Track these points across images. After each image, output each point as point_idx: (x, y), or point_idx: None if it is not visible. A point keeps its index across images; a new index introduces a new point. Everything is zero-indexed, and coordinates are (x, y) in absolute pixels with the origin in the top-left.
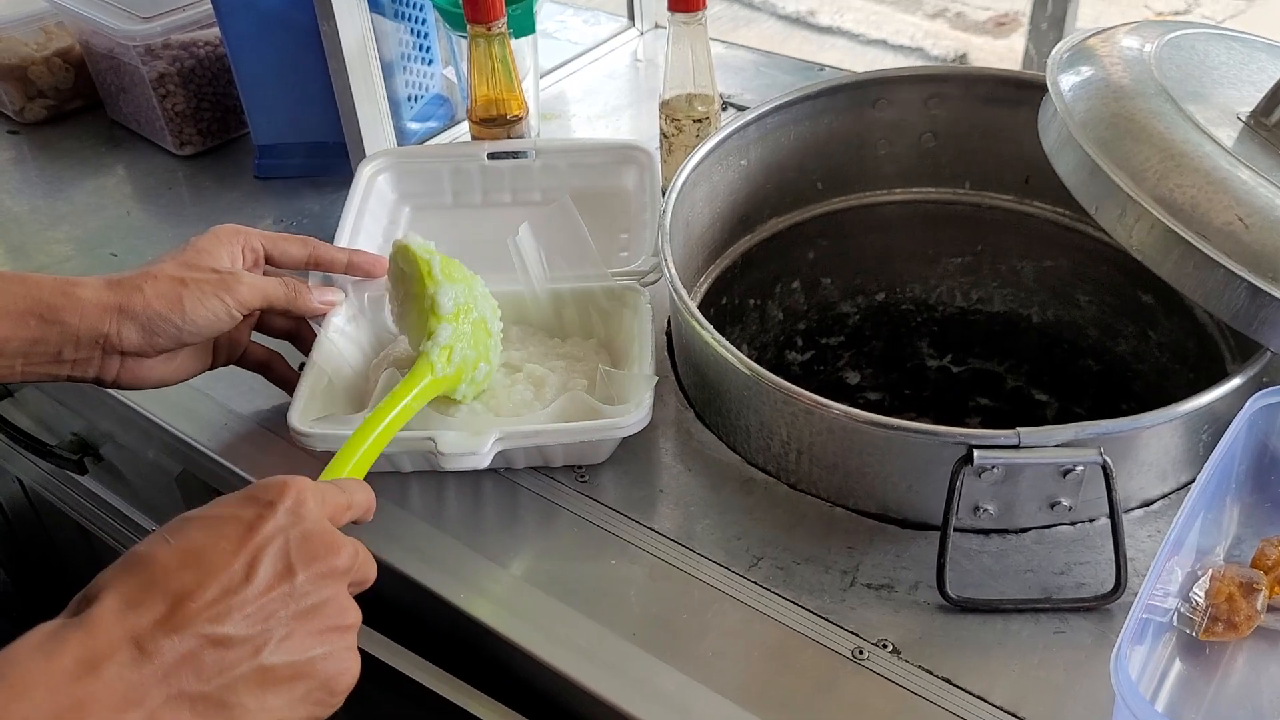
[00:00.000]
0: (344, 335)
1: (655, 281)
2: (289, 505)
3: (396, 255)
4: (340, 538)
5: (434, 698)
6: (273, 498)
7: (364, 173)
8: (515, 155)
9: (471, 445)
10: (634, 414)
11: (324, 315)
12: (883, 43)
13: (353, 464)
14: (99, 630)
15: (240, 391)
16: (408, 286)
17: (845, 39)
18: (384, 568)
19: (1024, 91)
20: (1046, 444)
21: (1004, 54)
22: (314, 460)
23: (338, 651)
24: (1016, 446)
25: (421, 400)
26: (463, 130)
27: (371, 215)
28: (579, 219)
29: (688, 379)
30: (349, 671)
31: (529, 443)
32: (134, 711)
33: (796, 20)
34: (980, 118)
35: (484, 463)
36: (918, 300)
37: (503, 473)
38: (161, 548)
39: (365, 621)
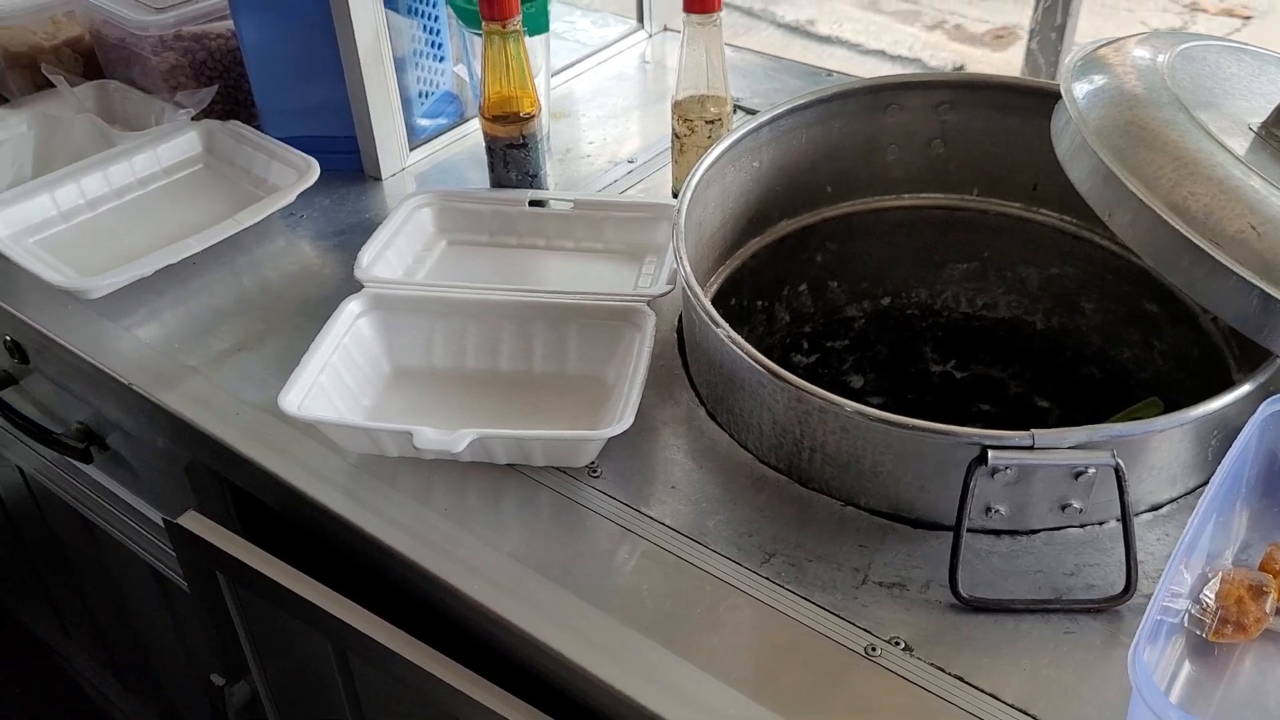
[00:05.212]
0: (358, 336)
1: (666, 294)
2: None
3: None
4: None
5: (461, 696)
6: None
7: (406, 205)
8: (552, 204)
9: (447, 444)
10: (611, 425)
11: None
12: (881, 53)
13: None
14: None
15: (251, 381)
16: None
17: (844, 49)
18: (401, 561)
19: (1034, 100)
20: (1060, 445)
21: (1001, 66)
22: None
23: None
24: (1031, 448)
25: None
26: (472, 128)
27: (406, 237)
28: None
29: (699, 377)
30: None
31: (506, 444)
32: None
33: (796, 29)
34: (990, 125)
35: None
36: (923, 305)
37: (520, 469)
38: None
39: (381, 614)
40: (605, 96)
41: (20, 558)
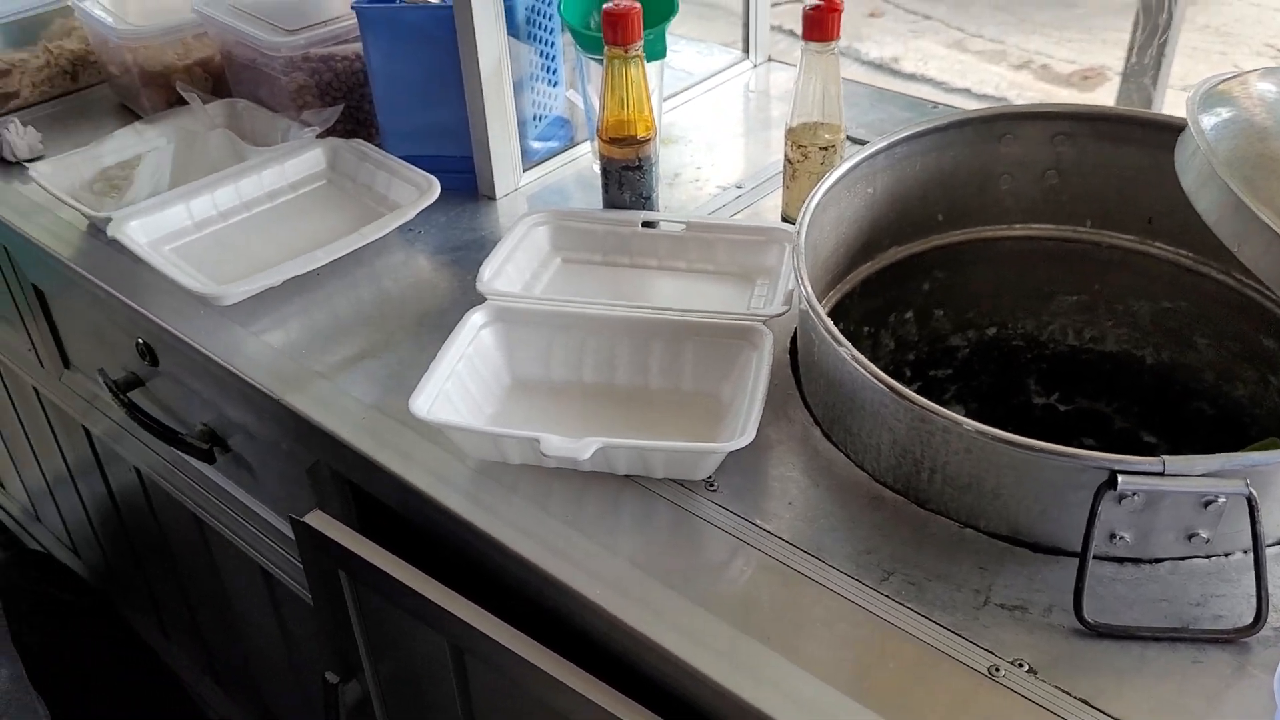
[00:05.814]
0: (481, 347)
1: (782, 314)
2: None
3: None
4: None
5: (579, 699)
6: None
7: (523, 224)
8: (664, 226)
9: (573, 452)
10: (734, 439)
11: None
12: (966, 91)
13: None
14: None
15: (375, 388)
16: None
17: (929, 86)
18: (521, 563)
19: (1153, 132)
20: (1191, 473)
21: None
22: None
23: None
24: (1161, 474)
25: None
26: (581, 151)
27: (524, 254)
28: None
29: (815, 397)
30: None
31: (629, 455)
32: None
33: (880, 66)
34: (1106, 157)
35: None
36: (1029, 337)
37: (638, 480)
38: None
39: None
40: (711, 124)
41: (128, 558)
